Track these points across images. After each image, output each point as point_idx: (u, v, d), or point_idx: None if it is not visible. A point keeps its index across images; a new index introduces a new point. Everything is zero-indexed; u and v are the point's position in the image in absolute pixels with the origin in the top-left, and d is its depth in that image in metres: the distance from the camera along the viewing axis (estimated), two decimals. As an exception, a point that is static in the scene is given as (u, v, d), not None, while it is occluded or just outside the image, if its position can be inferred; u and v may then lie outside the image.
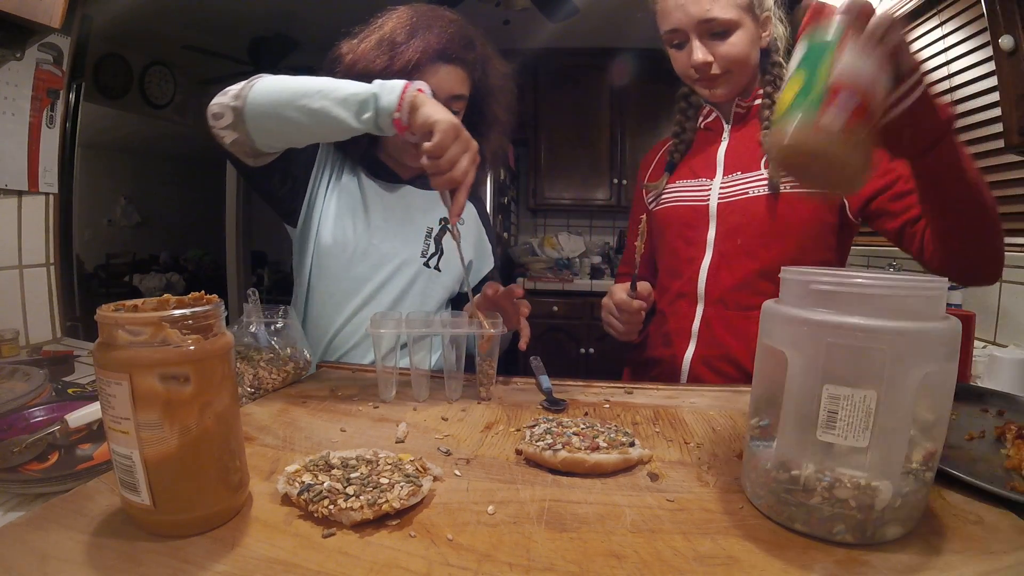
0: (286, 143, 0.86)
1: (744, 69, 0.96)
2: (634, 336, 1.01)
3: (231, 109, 0.81)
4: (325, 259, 1.02)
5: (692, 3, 0.89)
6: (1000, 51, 1.30)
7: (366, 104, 0.77)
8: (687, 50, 0.94)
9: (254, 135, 0.82)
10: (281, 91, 0.79)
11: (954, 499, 0.50)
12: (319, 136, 0.85)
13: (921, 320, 0.42)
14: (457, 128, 0.74)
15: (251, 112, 0.80)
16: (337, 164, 1.07)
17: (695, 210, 1.01)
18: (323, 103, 0.77)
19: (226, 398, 0.46)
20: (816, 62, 0.53)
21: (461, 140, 0.75)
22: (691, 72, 0.96)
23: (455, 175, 0.75)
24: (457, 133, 0.74)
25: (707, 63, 0.93)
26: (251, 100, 0.80)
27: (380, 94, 0.76)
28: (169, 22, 3.20)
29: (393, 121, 0.76)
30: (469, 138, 0.76)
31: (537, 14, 2.71)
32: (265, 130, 0.81)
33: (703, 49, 0.92)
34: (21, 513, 0.49)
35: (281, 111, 0.78)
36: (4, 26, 1.01)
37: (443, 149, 0.73)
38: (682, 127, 1.09)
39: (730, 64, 0.93)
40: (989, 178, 1.53)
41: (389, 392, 0.79)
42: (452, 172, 0.75)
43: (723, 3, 0.89)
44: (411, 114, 0.75)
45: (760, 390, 0.53)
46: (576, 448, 0.57)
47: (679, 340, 1.02)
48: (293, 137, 0.85)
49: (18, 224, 1.33)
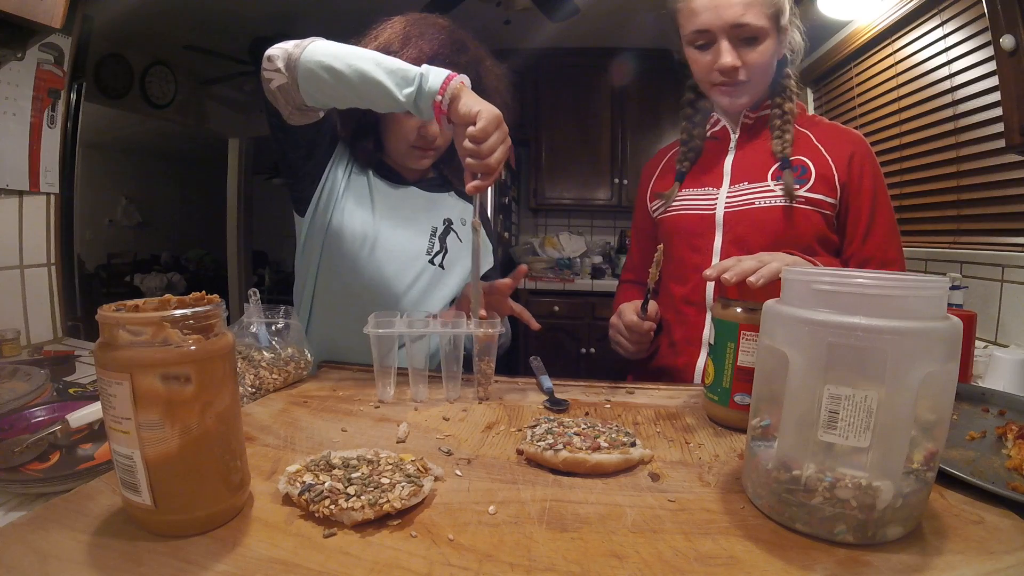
0: (329, 99, 0.87)
1: (765, 79, 0.96)
2: (643, 355, 1.02)
3: (287, 53, 0.84)
4: (336, 252, 1.03)
5: (726, 6, 0.89)
6: (1001, 51, 1.30)
7: (412, 81, 0.79)
8: (713, 53, 0.93)
9: (302, 82, 0.84)
10: (338, 49, 0.83)
11: (955, 499, 0.50)
12: (362, 100, 0.85)
13: (922, 320, 0.42)
14: (499, 118, 0.78)
15: (306, 59, 0.82)
16: (350, 162, 1.09)
17: (702, 219, 1.01)
18: (374, 68, 0.80)
19: (227, 398, 0.46)
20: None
21: (501, 130, 0.78)
22: (714, 76, 0.95)
23: (491, 162, 0.78)
24: (499, 123, 0.78)
25: (736, 67, 0.92)
26: (309, 49, 0.83)
27: (427, 75, 0.79)
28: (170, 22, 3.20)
29: (433, 104, 0.78)
30: (507, 131, 0.79)
31: (538, 14, 2.71)
32: (315, 79, 0.83)
33: (733, 53, 0.91)
34: (22, 513, 0.49)
35: (335, 64, 0.81)
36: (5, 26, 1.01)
37: (486, 135, 0.76)
38: (689, 135, 1.08)
39: (755, 72, 0.93)
40: (990, 178, 1.54)
41: (388, 392, 0.79)
42: (489, 159, 0.77)
43: (756, 10, 0.89)
44: (452, 102, 0.78)
45: (761, 390, 0.53)
46: (577, 448, 0.57)
47: (690, 349, 1.01)
48: (338, 93, 0.85)
49: (19, 224, 1.33)
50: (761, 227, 0.95)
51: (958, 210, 1.69)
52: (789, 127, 0.97)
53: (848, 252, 0.97)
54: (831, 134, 0.99)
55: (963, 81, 1.62)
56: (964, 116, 1.63)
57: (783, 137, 0.97)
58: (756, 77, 0.94)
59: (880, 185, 0.96)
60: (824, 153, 0.96)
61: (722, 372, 0.69)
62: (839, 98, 2.42)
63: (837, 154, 0.96)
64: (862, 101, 2.22)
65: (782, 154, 0.96)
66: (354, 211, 1.04)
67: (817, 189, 0.94)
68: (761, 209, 0.95)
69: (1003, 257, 1.43)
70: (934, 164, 1.79)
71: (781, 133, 0.97)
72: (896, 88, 1.99)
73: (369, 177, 1.09)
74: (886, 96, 2.05)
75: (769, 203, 0.95)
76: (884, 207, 0.96)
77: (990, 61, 1.45)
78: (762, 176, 0.97)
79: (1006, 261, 1.41)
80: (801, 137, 0.99)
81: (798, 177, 0.95)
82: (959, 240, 1.69)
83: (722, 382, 0.69)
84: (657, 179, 1.14)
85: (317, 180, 1.03)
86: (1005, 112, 1.34)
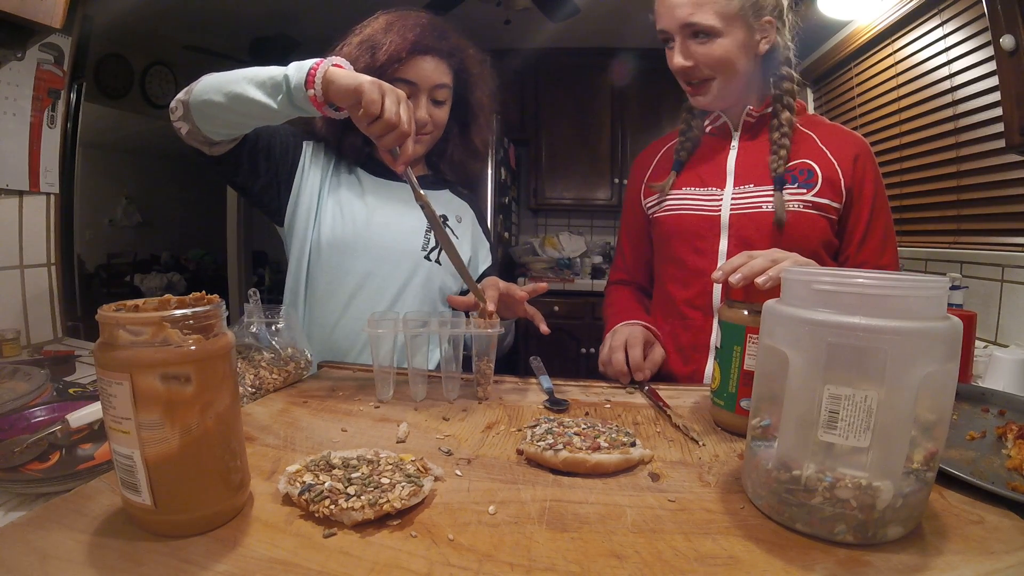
0: (226, 128, 0.88)
1: (731, 77, 0.94)
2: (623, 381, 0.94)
3: (181, 103, 0.86)
4: (325, 255, 1.03)
5: (677, 6, 0.90)
6: (1001, 51, 1.30)
7: (279, 86, 0.78)
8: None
9: (198, 123, 0.85)
10: (215, 81, 0.83)
11: (955, 499, 0.50)
12: (250, 119, 0.86)
13: (922, 320, 0.42)
14: (380, 83, 0.75)
15: (194, 101, 0.84)
16: (334, 164, 1.08)
17: (706, 220, 0.99)
18: (246, 87, 0.80)
19: (227, 398, 0.46)
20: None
21: (389, 90, 0.75)
22: (679, 75, 0.97)
23: (403, 128, 0.75)
24: (382, 86, 0.74)
25: (684, 67, 0.94)
26: (195, 91, 0.84)
27: (290, 74, 0.77)
28: (170, 22, 3.20)
29: (310, 99, 0.77)
30: (395, 88, 0.76)
31: (538, 14, 2.71)
32: (206, 117, 0.85)
33: (682, 52, 0.93)
34: (22, 513, 0.49)
35: (214, 97, 0.81)
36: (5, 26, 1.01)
37: (376, 104, 0.73)
38: (688, 124, 1.07)
39: (712, 69, 0.93)
40: (990, 178, 1.54)
41: (387, 392, 0.79)
42: (400, 125, 0.75)
43: (706, 9, 0.89)
44: (327, 90, 0.76)
45: (761, 390, 0.53)
46: (577, 448, 0.57)
47: (696, 356, 0.99)
48: (230, 121, 0.86)
49: (19, 224, 1.33)
50: (768, 231, 0.93)
51: (958, 210, 1.69)
52: (787, 141, 0.95)
53: (843, 256, 0.97)
54: (835, 136, 0.98)
55: (963, 81, 1.62)
56: (964, 116, 1.63)
57: (779, 153, 0.95)
58: (717, 74, 0.94)
59: (880, 189, 0.96)
60: (830, 156, 0.95)
61: (728, 376, 0.68)
62: (839, 98, 2.42)
63: (842, 157, 0.95)
64: (862, 101, 2.22)
65: (776, 173, 0.94)
66: (343, 211, 1.04)
67: (824, 194, 0.93)
68: (768, 213, 0.94)
69: (1003, 257, 1.43)
70: (934, 164, 1.79)
71: (778, 148, 0.95)
72: (896, 88, 1.98)
73: (359, 175, 1.09)
74: (886, 96, 2.05)
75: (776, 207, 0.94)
76: (882, 211, 0.96)
77: (990, 61, 1.45)
78: (768, 179, 0.96)
79: (1006, 261, 1.41)
80: (806, 139, 0.97)
81: (804, 182, 0.94)
82: (959, 240, 1.69)
83: (728, 387, 0.68)
84: (652, 174, 1.11)
85: (285, 193, 1.03)
86: (1005, 112, 1.34)
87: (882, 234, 0.96)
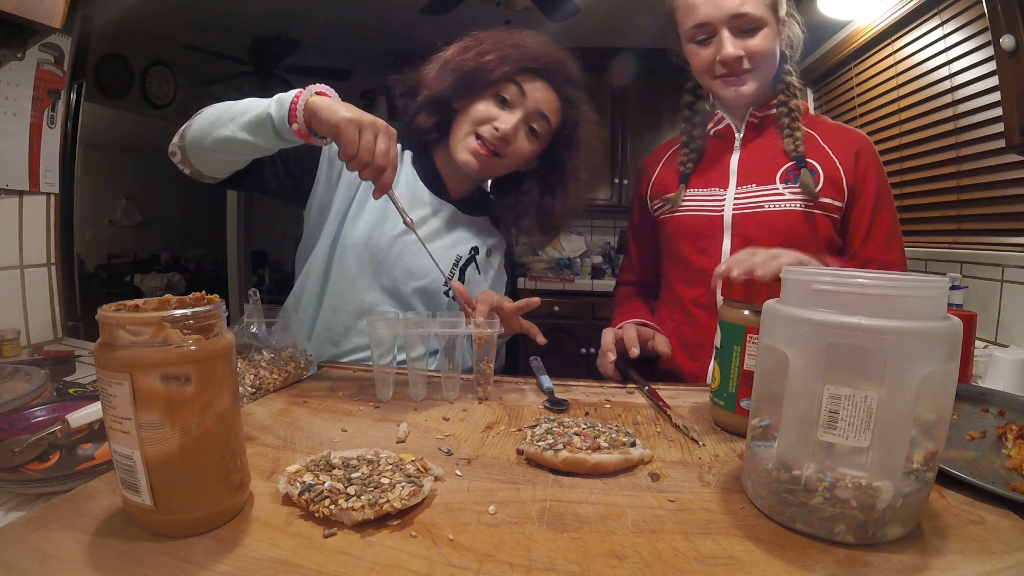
0: (224, 168, 0.88)
1: (769, 69, 0.96)
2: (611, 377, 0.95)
3: (179, 148, 0.86)
4: (351, 254, 0.98)
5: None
6: (1001, 51, 1.30)
7: (264, 123, 0.77)
8: (714, 45, 0.93)
9: (197, 166, 0.86)
10: (205, 123, 0.82)
11: (955, 499, 0.50)
12: (245, 156, 0.85)
13: (922, 320, 0.42)
14: (358, 118, 0.71)
15: (189, 148, 0.85)
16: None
17: (709, 220, 0.99)
18: (231, 131, 0.79)
19: (227, 398, 0.46)
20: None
21: (367, 125, 0.72)
22: (716, 68, 0.95)
23: (378, 161, 0.72)
24: (359, 122, 0.71)
25: (739, 57, 0.92)
26: (188, 138, 0.84)
27: (272, 112, 0.75)
28: (170, 22, 3.20)
29: (296, 133, 0.75)
30: (375, 119, 0.73)
31: (538, 14, 2.71)
32: (202, 160, 0.86)
33: (734, 42, 0.91)
34: (22, 513, 0.49)
35: (203, 142, 0.82)
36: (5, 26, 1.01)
37: (353, 145, 0.71)
38: (690, 136, 1.07)
39: (759, 60, 0.93)
40: (990, 178, 1.54)
41: (387, 392, 0.79)
42: (375, 160, 0.72)
43: (756, 0, 0.89)
44: (310, 120, 0.73)
45: (761, 390, 0.53)
46: (577, 448, 0.57)
47: (703, 353, 0.99)
48: (224, 161, 0.86)
49: (19, 224, 1.33)
50: (771, 230, 0.94)
51: (958, 210, 1.69)
52: (799, 124, 0.96)
53: (849, 253, 0.97)
54: (836, 135, 0.98)
55: (963, 81, 1.62)
56: (964, 116, 1.63)
57: (794, 135, 0.96)
58: (760, 66, 0.94)
59: (884, 185, 0.96)
60: (831, 155, 0.95)
61: (728, 376, 0.68)
62: (839, 98, 2.42)
63: (844, 156, 0.95)
64: (862, 101, 2.22)
65: (795, 153, 0.95)
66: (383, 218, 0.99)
67: (826, 193, 0.94)
68: (771, 212, 0.94)
69: (1003, 257, 1.43)
70: (934, 164, 1.79)
71: (791, 131, 0.96)
72: (896, 88, 1.98)
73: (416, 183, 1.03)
74: (886, 96, 2.05)
75: (779, 206, 0.95)
76: (886, 208, 0.96)
77: (990, 61, 1.45)
78: (770, 178, 0.96)
79: (1006, 261, 1.41)
80: (808, 138, 0.98)
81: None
82: (959, 240, 1.69)
83: (728, 387, 0.68)
84: (658, 176, 1.11)
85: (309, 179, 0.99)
86: (1005, 112, 1.34)
87: (887, 230, 0.95)
